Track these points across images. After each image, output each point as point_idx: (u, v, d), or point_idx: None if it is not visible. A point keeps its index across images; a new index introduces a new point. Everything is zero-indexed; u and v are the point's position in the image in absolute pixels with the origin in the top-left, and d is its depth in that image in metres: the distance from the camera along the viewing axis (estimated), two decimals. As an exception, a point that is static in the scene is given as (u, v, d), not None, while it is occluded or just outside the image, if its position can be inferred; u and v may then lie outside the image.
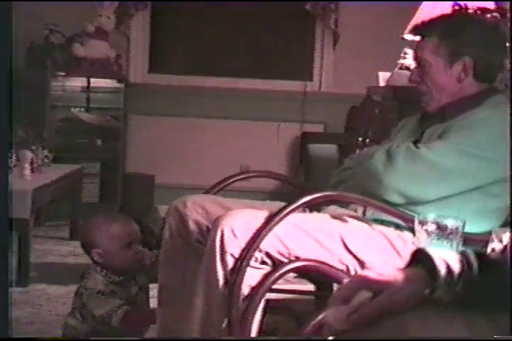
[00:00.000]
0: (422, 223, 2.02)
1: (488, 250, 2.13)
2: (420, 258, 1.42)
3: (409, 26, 4.07)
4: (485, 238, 2.27)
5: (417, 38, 2.86)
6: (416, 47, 2.83)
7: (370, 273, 1.44)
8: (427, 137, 2.74)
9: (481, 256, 1.41)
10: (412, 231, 2.15)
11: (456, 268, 1.37)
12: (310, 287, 2.67)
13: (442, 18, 2.91)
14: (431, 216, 2.05)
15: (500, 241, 2.14)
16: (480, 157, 2.57)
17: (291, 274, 2.60)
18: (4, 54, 1.69)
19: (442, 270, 1.37)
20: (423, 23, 2.89)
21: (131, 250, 2.90)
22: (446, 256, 1.40)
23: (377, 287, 1.41)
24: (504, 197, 2.66)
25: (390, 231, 2.62)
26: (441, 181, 2.58)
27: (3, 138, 1.68)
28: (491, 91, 2.77)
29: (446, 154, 2.57)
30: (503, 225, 2.57)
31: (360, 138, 4.54)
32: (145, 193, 6.20)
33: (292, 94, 6.48)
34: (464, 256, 1.40)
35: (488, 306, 1.38)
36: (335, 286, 2.53)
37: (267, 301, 2.57)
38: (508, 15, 3.69)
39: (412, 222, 2.14)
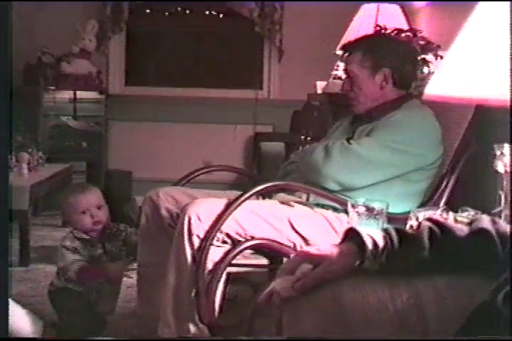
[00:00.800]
0: (354, 206, 2.03)
1: (407, 227, 2.15)
2: (352, 236, 1.43)
3: (340, 44, 4.10)
4: (405, 217, 2.29)
5: (346, 53, 2.88)
6: (345, 61, 2.85)
7: (311, 249, 1.45)
8: (357, 135, 2.75)
9: (401, 232, 1.43)
10: (347, 213, 2.16)
11: (380, 243, 1.39)
12: (264, 261, 2.66)
13: (365, 38, 2.93)
14: (361, 200, 2.06)
15: (417, 219, 2.16)
16: (400, 150, 2.59)
17: (248, 251, 2.60)
18: (4, 70, 1.67)
19: (369, 245, 1.38)
20: (350, 42, 2.92)
21: (86, 215, 2.88)
22: (373, 233, 1.41)
23: (316, 260, 1.42)
24: (422, 182, 2.69)
25: (329, 213, 2.63)
26: (369, 171, 2.59)
27: (3, 141, 1.66)
28: (407, 96, 2.80)
29: (372, 148, 2.58)
30: (419, 206, 2.59)
31: (302, 137, 4.55)
32: (124, 186, 6.16)
33: (246, 100, 6.45)
34: (386, 233, 1.41)
35: (406, 272, 1.40)
36: (285, 260, 2.54)
37: (228, 274, 2.58)
38: (419, 34, 3.71)
39: (346, 205, 2.15)
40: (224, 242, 2.51)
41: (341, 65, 3.92)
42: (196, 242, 2.45)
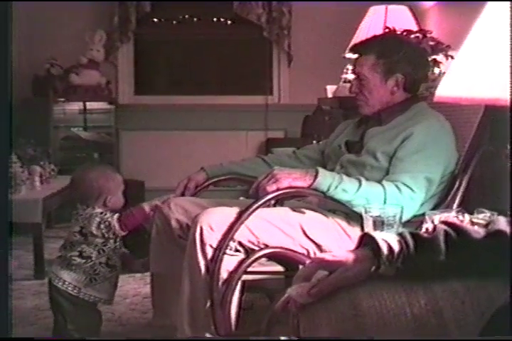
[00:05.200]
0: (368, 211, 2.02)
1: (423, 230, 2.13)
2: (366, 241, 1.42)
3: (350, 46, 4.08)
4: (420, 220, 2.27)
5: (356, 54, 2.85)
6: (355, 63, 2.81)
7: (326, 256, 1.44)
8: (368, 137, 2.74)
9: (416, 236, 1.42)
10: (360, 218, 2.15)
11: (396, 247, 1.38)
12: (279, 268, 2.65)
13: (377, 39, 2.88)
14: (375, 204, 2.05)
15: (432, 222, 2.14)
16: (434, 179, 2.58)
17: (263, 258, 2.60)
18: (5, 79, 1.67)
19: (385, 250, 1.37)
20: (361, 43, 2.87)
21: (122, 196, 2.85)
22: (388, 238, 1.40)
23: (331, 267, 1.41)
24: (441, 185, 2.66)
25: (341, 218, 2.62)
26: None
27: (4, 151, 1.65)
28: (414, 98, 2.78)
29: (417, 187, 2.53)
30: (433, 208, 2.57)
31: (314, 142, 4.54)
32: (137, 196, 6.15)
33: (256, 106, 6.47)
34: (402, 237, 1.41)
35: (422, 276, 1.39)
36: (300, 267, 2.52)
37: (244, 282, 2.57)
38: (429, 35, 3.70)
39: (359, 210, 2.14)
40: (237, 251, 2.50)
41: (351, 68, 3.91)
42: (209, 252, 2.44)
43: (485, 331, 1.26)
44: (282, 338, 1.50)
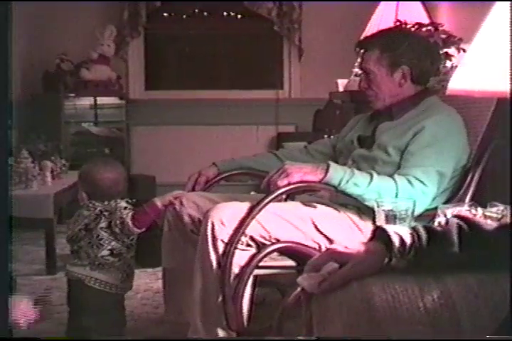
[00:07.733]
0: (380, 205, 2.02)
1: (435, 224, 2.13)
2: (379, 234, 1.42)
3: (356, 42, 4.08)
4: (432, 214, 2.27)
5: (362, 50, 2.85)
6: (361, 58, 2.83)
7: (338, 247, 1.45)
8: (379, 132, 2.74)
9: (429, 229, 1.42)
10: (372, 212, 2.14)
11: (408, 240, 1.38)
12: (291, 262, 2.65)
13: (381, 34, 2.88)
14: (387, 198, 2.04)
15: (445, 215, 2.14)
16: (445, 173, 2.58)
17: (275, 253, 2.60)
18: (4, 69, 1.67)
19: (396, 243, 1.37)
20: (366, 39, 2.91)
21: None
22: (400, 231, 1.40)
23: (343, 258, 1.42)
24: (453, 179, 2.65)
25: (353, 213, 2.62)
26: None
27: (2, 144, 1.66)
28: (425, 92, 2.78)
29: (429, 181, 2.53)
30: (445, 202, 2.57)
31: (325, 136, 4.54)
32: (148, 191, 6.16)
33: (267, 101, 6.46)
34: (414, 231, 1.41)
35: (435, 269, 1.39)
36: (311, 261, 2.52)
37: (255, 277, 2.57)
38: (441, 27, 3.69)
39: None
40: (248, 245, 2.50)
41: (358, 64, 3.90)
42: (221, 247, 2.44)
43: (503, 326, 1.26)
44: (300, 337, 1.51)
